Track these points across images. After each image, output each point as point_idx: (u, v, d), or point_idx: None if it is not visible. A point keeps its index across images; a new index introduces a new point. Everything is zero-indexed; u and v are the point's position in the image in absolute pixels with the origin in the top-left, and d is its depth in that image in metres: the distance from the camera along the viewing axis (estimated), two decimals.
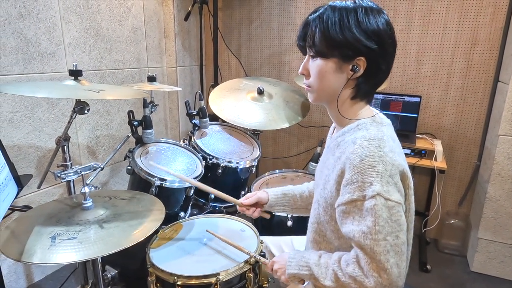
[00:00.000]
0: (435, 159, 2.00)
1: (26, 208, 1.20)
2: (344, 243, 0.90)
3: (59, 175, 1.22)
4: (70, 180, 1.28)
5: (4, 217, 1.08)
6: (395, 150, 0.82)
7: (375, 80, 0.89)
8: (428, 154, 2.04)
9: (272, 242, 1.32)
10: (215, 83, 2.59)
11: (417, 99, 2.14)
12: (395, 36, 0.87)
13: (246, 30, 2.68)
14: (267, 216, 1.25)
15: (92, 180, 1.50)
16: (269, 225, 1.60)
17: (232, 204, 1.85)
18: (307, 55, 0.92)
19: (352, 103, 0.91)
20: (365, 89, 0.89)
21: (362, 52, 0.83)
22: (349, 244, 0.85)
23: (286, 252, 1.02)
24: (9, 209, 1.01)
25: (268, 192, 1.22)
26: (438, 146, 2.05)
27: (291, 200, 1.22)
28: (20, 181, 1.08)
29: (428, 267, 2.09)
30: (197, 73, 2.81)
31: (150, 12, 2.43)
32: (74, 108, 1.17)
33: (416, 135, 2.20)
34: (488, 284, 2.01)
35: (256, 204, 1.22)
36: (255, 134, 2.07)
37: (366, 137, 0.82)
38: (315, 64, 0.88)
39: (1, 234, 0.95)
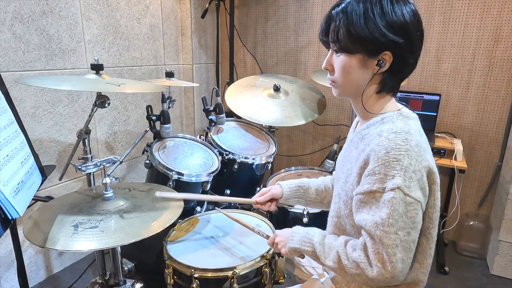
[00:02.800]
0: (455, 159, 1.95)
1: (48, 198, 1.23)
2: None
3: (79, 167, 1.24)
4: (90, 173, 1.30)
5: (27, 207, 1.11)
6: (421, 145, 0.81)
7: (401, 74, 0.87)
8: (447, 153, 2.00)
9: None
10: (231, 81, 2.60)
11: (437, 97, 2.10)
12: (422, 26, 0.84)
13: (262, 27, 2.68)
14: (286, 205, 1.26)
15: (111, 173, 1.53)
16: (284, 221, 1.59)
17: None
18: (330, 50, 0.90)
19: (377, 97, 0.90)
20: (391, 84, 0.87)
21: (388, 46, 0.81)
22: None
23: (289, 228, 1.02)
24: (32, 199, 1.04)
25: (282, 185, 1.21)
26: (458, 146, 2.00)
27: (306, 193, 1.21)
28: (44, 171, 1.11)
29: (446, 269, 2.04)
30: (213, 71, 2.83)
31: (167, 9, 2.45)
32: (95, 102, 1.20)
33: (435, 134, 2.15)
34: None
35: (271, 199, 1.22)
36: (270, 131, 2.06)
37: (392, 130, 0.80)
38: (339, 60, 0.87)
39: (25, 222, 0.98)
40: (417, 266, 0.85)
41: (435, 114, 2.11)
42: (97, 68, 1.19)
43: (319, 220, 1.45)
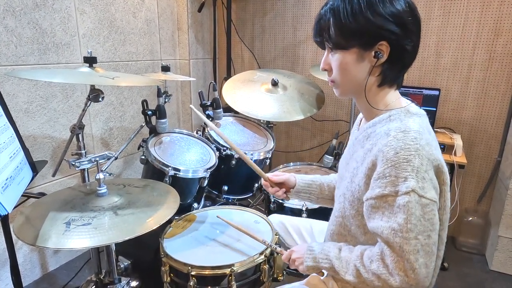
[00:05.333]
0: (455, 154, 1.93)
1: (41, 195, 1.20)
2: (370, 239, 0.86)
3: (73, 163, 1.21)
4: (84, 169, 1.27)
5: (19, 204, 1.08)
6: (431, 144, 0.77)
7: (401, 63, 0.83)
8: (447, 149, 1.98)
9: (290, 223, 1.28)
10: (228, 76, 2.57)
11: (436, 92, 2.08)
12: (417, 12, 0.82)
13: (260, 22, 2.65)
14: (288, 199, 1.20)
15: (106, 169, 1.50)
16: None
17: (245, 196, 1.86)
18: (326, 50, 0.88)
19: (379, 90, 0.86)
20: (391, 75, 0.84)
21: (383, 36, 0.78)
22: (375, 240, 0.81)
23: (304, 244, 0.99)
24: (24, 195, 1.01)
25: (296, 177, 1.16)
26: (457, 141, 1.98)
27: (318, 188, 1.16)
28: (35, 167, 1.08)
29: (445, 265, 2.03)
30: (210, 66, 2.79)
31: (163, 3, 2.41)
32: (88, 96, 1.17)
33: (435, 129, 2.13)
34: (508, 284, 1.95)
35: (282, 185, 1.15)
36: (268, 126, 2.04)
37: (401, 129, 0.77)
38: (335, 58, 0.84)
39: (16, 219, 0.95)
40: None
41: (434, 109, 2.09)
42: (90, 61, 1.16)
43: (318, 216, 1.43)
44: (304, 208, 1.51)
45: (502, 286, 1.93)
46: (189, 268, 1.05)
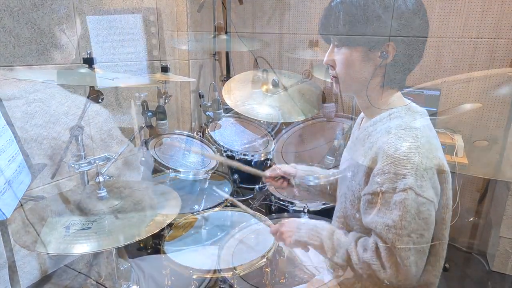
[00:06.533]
0: (456, 154, 1.93)
1: (40, 198, 1.18)
2: None
3: (72, 165, 1.20)
4: (83, 171, 1.26)
5: (18, 207, 1.06)
6: (432, 142, 0.77)
7: (406, 65, 0.83)
8: (448, 149, 1.97)
9: None
10: (228, 76, 2.56)
11: (437, 93, 2.07)
12: (426, 15, 0.82)
13: (260, 21, 2.63)
14: (295, 193, 1.18)
15: (105, 171, 1.48)
16: None
17: (246, 198, 1.84)
18: (331, 44, 0.87)
19: (382, 91, 0.86)
20: (395, 76, 0.84)
21: (390, 36, 0.78)
22: None
23: (297, 218, 0.98)
24: (22, 198, 0.99)
25: (296, 166, 1.14)
26: (459, 141, 1.98)
27: (318, 180, 1.13)
28: (33, 170, 1.06)
29: (446, 265, 2.02)
30: (210, 66, 2.78)
31: (163, 3, 2.40)
32: (88, 96, 1.15)
33: (435, 129, 2.12)
34: (509, 285, 1.95)
35: (283, 177, 1.13)
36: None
37: (402, 126, 0.77)
38: (341, 53, 0.84)
39: (15, 223, 0.94)
40: (429, 268, 0.82)
41: (435, 109, 2.08)
42: (89, 61, 1.15)
43: (319, 218, 1.42)
44: (305, 210, 1.49)
45: (503, 287, 1.92)
46: (191, 271, 1.04)
